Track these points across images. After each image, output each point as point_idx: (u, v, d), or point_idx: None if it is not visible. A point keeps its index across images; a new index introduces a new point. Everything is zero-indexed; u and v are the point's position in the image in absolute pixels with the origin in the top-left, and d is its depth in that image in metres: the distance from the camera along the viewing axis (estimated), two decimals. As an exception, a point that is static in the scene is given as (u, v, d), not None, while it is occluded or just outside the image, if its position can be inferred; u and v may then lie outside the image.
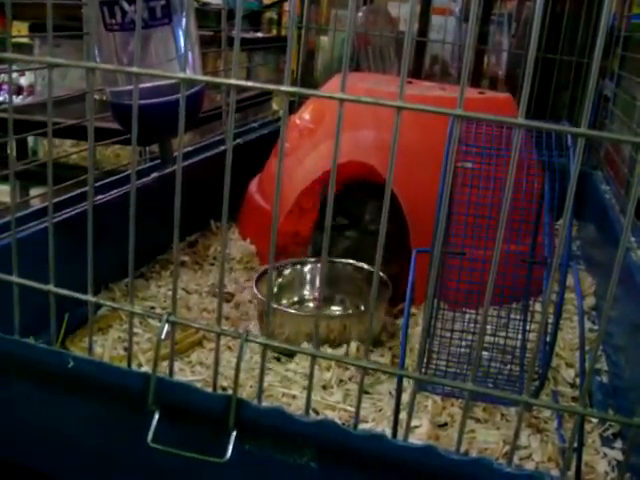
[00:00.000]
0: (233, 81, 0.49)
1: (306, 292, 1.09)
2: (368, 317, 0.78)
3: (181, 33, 0.91)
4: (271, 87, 0.50)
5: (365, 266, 1.05)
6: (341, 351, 0.91)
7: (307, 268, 1.09)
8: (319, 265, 1.08)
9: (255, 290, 0.97)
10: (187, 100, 0.54)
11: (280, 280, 1.06)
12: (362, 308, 1.03)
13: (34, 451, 0.69)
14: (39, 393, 0.66)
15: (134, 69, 0.54)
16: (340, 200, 1.02)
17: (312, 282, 1.09)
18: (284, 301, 1.05)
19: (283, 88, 0.49)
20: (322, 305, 1.05)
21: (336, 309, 1.06)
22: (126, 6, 0.85)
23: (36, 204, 1.12)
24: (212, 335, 0.95)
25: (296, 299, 1.08)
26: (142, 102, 0.86)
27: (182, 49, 0.92)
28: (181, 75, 0.52)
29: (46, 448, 0.68)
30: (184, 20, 0.90)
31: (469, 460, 0.53)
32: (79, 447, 0.67)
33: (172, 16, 0.89)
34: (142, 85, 0.85)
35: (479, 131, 0.84)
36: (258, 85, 0.50)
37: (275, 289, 1.05)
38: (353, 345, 0.91)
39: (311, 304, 1.08)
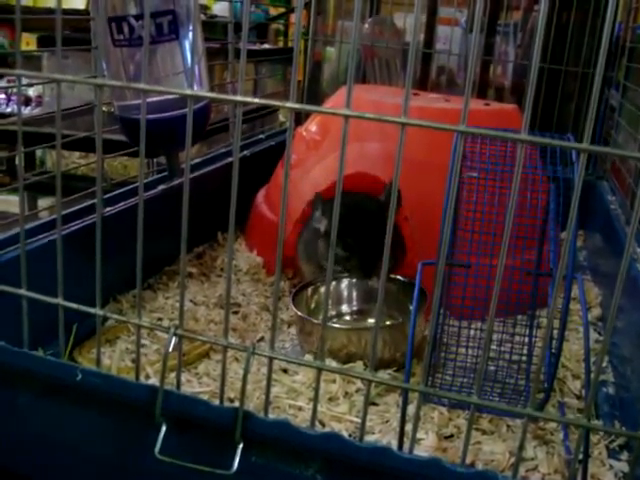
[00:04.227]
0: (239, 98, 0.50)
1: (344, 307, 1.10)
2: (401, 327, 0.78)
3: (188, 47, 0.92)
4: (276, 104, 0.50)
5: (400, 277, 1.05)
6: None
7: (344, 285, 1.10)
8: (355, 281, 1.10)
9: (293, 307, 0.98)
10: (194, 114, 0.54)
11: (317, 297, 1.07)
12: (400, 319, 1.03)
13: (41, 463, 0.69)
14: (47, 405, 0.67)
15: (142, 85, 0.54)
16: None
17: (349, 298, 1.11)
18: (321, 316, 1.06)
19: (288, 105, 0.49)
20: (359, 318, 1.09)
21: (373, 321, 1.06)
22: (133, 22, 0.86)
23: (45, 216, 1.13)
24: (220, 347, 0.95)
25: (334, 313, 1.09)
26: (149, 117, 0.87)
27: (189, 63, 0.92)
28: (188, 92, 0.53)
29: (53, 460, 0.69)
30: (191, 34, 0.91)
31: (474, 473, 0.53)
32: (86, 459, 0.67)
33: (179, 31, 0.90)
34: (149, 99, 0.86)
35: (484, 143, 0.85)
36: (264, 101, 0.50)
37: (313, 305, 1.07)
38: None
39: (348, 318, 1.10)
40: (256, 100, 0.51)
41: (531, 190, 0.84)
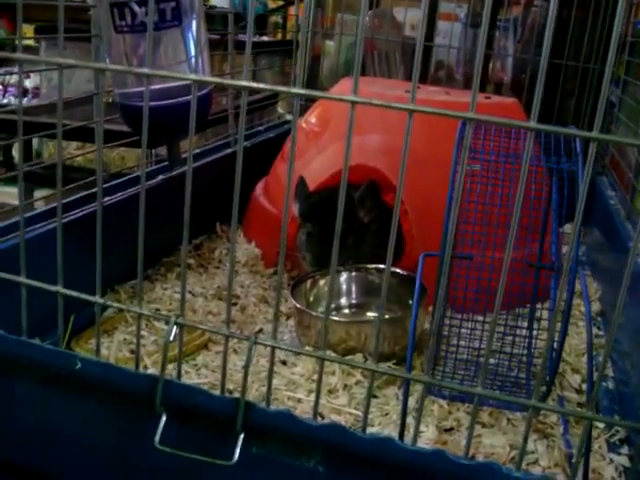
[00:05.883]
0: (244, 83, 0.49)
1: (342, 301, 1.09)
2: (400, 321, 0.77)
3: (190, 35, 0.91)
4: (282, 89, 0.50)
5: (399, 270, 1.04)
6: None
7: (342, 278, 1.09)
8: (354, 274, 1.09)
9: (292, 300, 0.98)
10: (196, 102, 0.54)
11: (315, 290, 1.06)
12: (399, 313, 1.01)
13: (38, 452, 0.69)
14: (45, 394, 0.66)
15: (145, 70, 0.54)
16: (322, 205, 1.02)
17: (348, 291, 1.09)
18: (320, 309, 1.04)
19: (294, 90, 0.49)
20: (358, 311, 1.08)
21: (372, 315, 1.06)
22: (136, 8, 0.85)
23: (39, 206, 1.12)
24: (218, 338, 0.95)
25: (333, 306, 1.07)
26: (152, 104, 0.86)
27: (192, 51, 0.91)
28: (192, 77, 0.52)
29: (51, 449, 0.68)
30: (194, 22, 0.90)
31: (478, 465, 0.53)
32: (85, 449, 0.67)
33: (182, 18, 0.89)
34: (152, 87, 0.85)
35: (487, 137, 0.84)
36: (269, 87, 0.50)
37: (311, 298, 1.06)
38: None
39: (347, 311, 1.09)
40: (262, 85, 0.50)
41: (533, 182, 0.83)
